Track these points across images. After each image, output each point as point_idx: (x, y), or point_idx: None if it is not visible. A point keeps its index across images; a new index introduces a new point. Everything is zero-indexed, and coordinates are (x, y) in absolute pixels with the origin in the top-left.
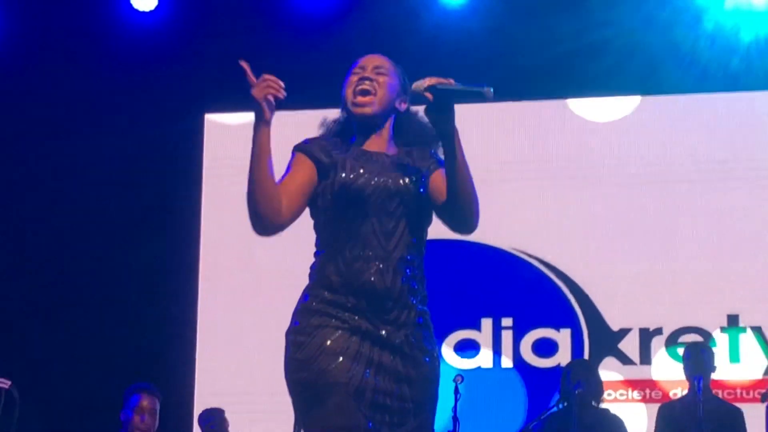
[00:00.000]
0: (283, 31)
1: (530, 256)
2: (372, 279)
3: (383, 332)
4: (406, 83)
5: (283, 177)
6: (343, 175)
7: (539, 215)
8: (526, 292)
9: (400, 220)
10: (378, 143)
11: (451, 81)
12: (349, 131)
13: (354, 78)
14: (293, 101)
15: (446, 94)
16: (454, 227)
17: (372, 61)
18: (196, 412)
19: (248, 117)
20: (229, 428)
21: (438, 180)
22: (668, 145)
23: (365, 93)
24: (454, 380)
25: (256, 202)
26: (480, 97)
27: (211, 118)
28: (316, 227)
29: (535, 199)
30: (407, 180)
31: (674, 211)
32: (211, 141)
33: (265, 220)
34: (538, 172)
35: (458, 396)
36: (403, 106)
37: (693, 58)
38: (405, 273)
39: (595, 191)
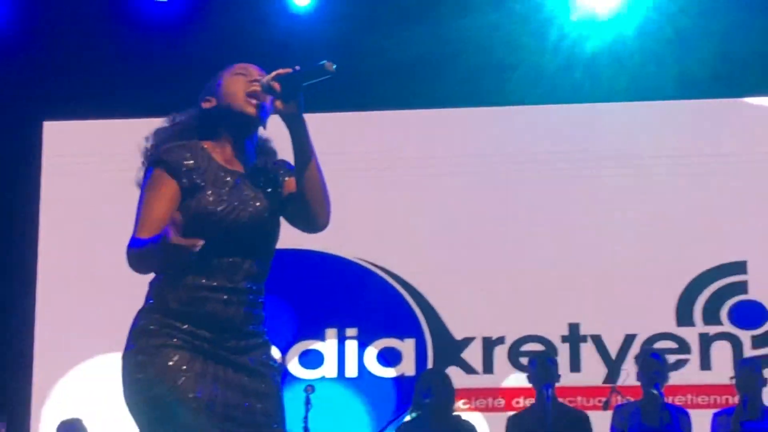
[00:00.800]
0: (128, 38)
1: (374, 265)
2: (215, 311)
3: (224, 353)
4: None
5: (152, 205)
6: (199, 202)
7: (383, 225)
8: (371, 302)
9: (249, 250)
10: (241, 152)
11: (295, 68)
12: (202, 133)
13: (241, 79)
14: (142, 109)
15: (291, 77)
16: (304, 226)
17: (255, 70)
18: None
19: (85, 123)
20: None
21: (290, 187)
22: (512, 153)
23: (256, 96)
24: (305, 390)
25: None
26: (323, 73)
27: (50, 125)
28: None
29: (379, 209)
30: (260, 205)
31: (516, 221)
32: (50, 147)
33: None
34: (383, 180)
35: (309, 406)
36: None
37: (538, 70)
38: (248, 302)
39: (438, 200)
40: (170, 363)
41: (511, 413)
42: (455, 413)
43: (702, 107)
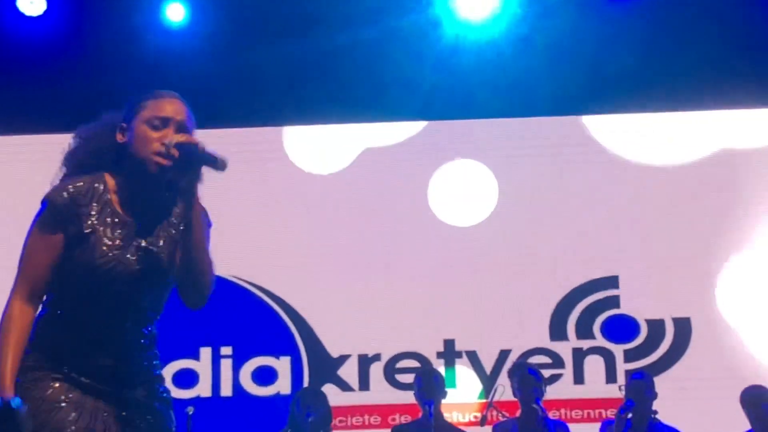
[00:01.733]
0: (2, 55)
1: (248, 282)
2: (98, 363)
3: (108, 389)
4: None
5: (34, 257)
6: (82, 252)
7: (256, 242)
8: (246, 319)
9: (141, 299)
10: (142, 196)
11: (199, 143)
12: (113, 160)
13: (153, 134)
14: (19, 126)
15: (189, 151)
16: (184, 300)
17: (177, 116)
18: None
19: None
20: None
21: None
22: (382, 169)
23: (161, 156)
24: (186, 411)
25: None
26: (215, 166)
27: None
28: (52, 285)
29: (252, 225)
30: (143, 255)
31: (390, 238)
32: None
33: None
34: (255, 196)
35: (192, 427)
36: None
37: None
38: (137, 345)
39: (313, 216)
40: (45, 395)
41: (386, 431)
42: None
43: (572, 122)
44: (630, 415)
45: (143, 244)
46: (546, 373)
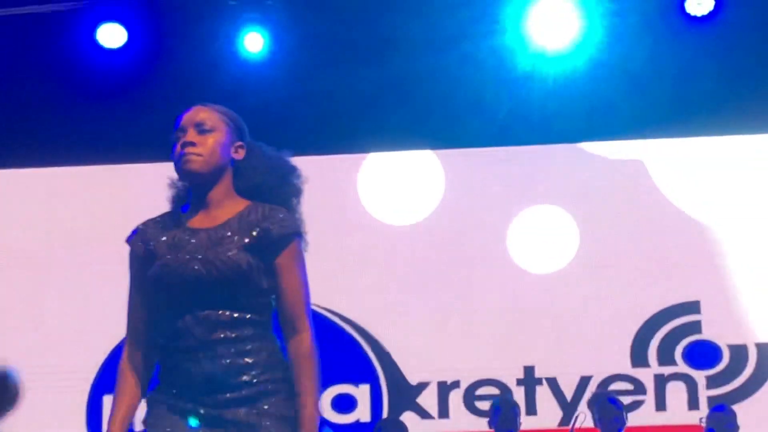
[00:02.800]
0: (83, 87)
1: (327, 310)
2: (190, 369)
3: (206, 410)
4: (240, 127)
5: (133, 304)
6: (153, 267)
7: (334, 269)
8: (325, 347)
9: (216, 301)
10: (211, 208)
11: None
12: (185, 194)
13: (177, 145)
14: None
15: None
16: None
17: (192, 119)
18: None
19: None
20: None
21: (280, 267)
22: (465, 196)
23: (189, 162)
24: None
25: None
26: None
27: None
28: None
29: (330, 252)
30: (224, 256)
31: (469, 264)
32: None
33: None
34: (334, 224)
35: None
36: (241, 153)
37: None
38: (228, 354)
39: (391, 243)
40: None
41: None
42: None
43: (655, 146)
44: None
45: (205, 246)
46: (627, 399)
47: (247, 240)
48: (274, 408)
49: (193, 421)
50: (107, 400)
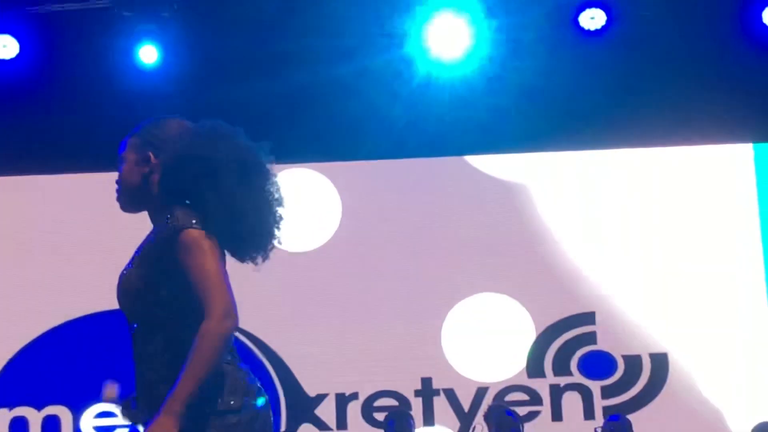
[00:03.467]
0: None
1: None
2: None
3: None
4: (149, 135)
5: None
6: None
7: (232, 282)
8: None
9: (133, 322)
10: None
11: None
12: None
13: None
14: None
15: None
16: None
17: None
18: None
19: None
20: None
21: (179, 266)
22: (362, 206)
23: (117, 200)
24: None
25: None
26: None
27: None
28: None
29: (230, 265)
30: (122, 276)
31: (366, 274)
32: None
33: None
34: None
35: None
36: (154, 161)
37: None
38: (147, 372)
39: (284, 255)
40: None
41: None
42: None
43: (543, 158)
44: None
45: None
46: (523, 410)
47: (138, 255)
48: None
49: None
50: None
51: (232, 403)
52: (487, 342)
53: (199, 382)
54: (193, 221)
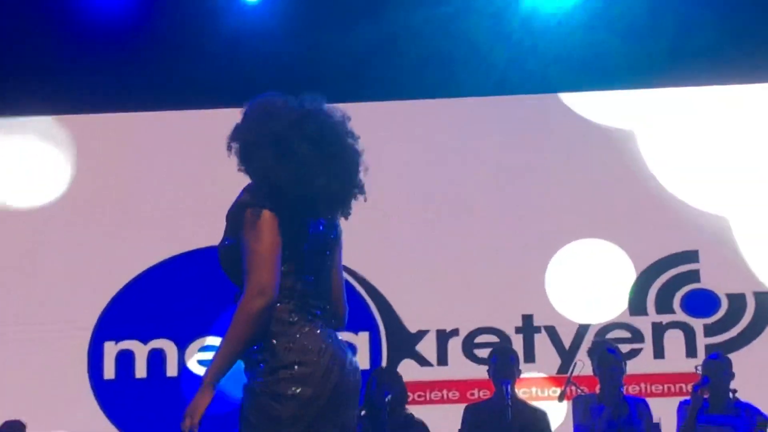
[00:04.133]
0: (78, 36)
1: None
2: None
3: None
4: (235, 129)
5: None
6: None
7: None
8: None
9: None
10: None
11: None
12: None
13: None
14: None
15: None
16: None
17: None
18: None
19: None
20: None
21: None
22: (464, 145)
23: None
24: None
25: None
26: None
27: None
28: None
29: None
30: (221, 246)
31: (469, 214)
32: None
33: None
34: None
35: None
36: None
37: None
38: None
39: (390, 193)
40: None
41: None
42: (407, 412)
43: (650, 95)
44: (706, 394)
45: None
46: (625, 348)
47: (226, 225)
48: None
49: None
50: (108, 347)
51: (285, 360)
52: (589, 285)
53: (230, 356)
54: (257, 198)
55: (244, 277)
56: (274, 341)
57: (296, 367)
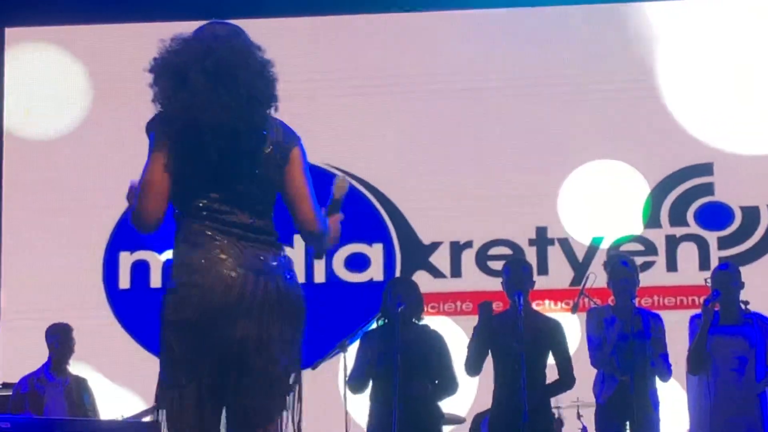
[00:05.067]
0: None
1: (341, 171)
2: None
3: None
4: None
5: None
6: None
7: (350, 130)
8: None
9: None
10: None
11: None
12: None
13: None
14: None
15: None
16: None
17: None
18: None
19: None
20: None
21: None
22: (479, 59)
23: None
24: None
25: None
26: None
27: (13, 32)
28: None
29: (346, 114)
30: None
31: (484, 125)
32: (13, 57)
33: None
34: (349, 86)
35: None
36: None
37: None
38: None
39: (406, 105)
40: None
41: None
42: (422, 322)
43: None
44: (717, 306)
45: None
46: (639, 260)
47: None
48: None
49: None
50: (123, 257)
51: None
52: (603, 198)
53: None
54: (151, 124)
55: None
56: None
57: (175, 284)
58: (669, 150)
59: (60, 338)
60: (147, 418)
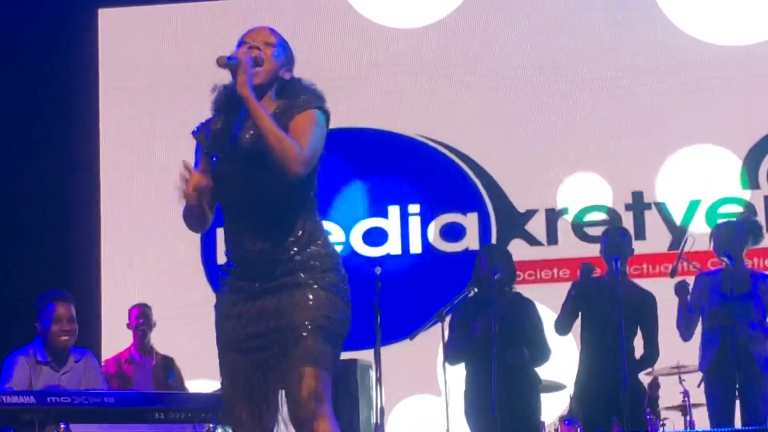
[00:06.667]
0: None
1: (435, 141)
2: (246, 246)
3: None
4: (291, 55)
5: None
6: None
7: (443, 101)
8: (432, 177)
9: (262, 186)
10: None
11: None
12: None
13: (243, 48)
14: None
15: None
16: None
17: (260, 36)
18: (104, 320)
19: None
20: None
21: (292, 125)
22: (569, 29)
23: (255, 64)
24: (374, 271)
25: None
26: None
27: (107, 13)
28: None
29: (439, 86)
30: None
31: (573, 93)
32: (107, 38)
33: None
34: (441, 59)
35: (379, 285)
36: (287, 75)
37: None
38: (277, 233)
39: (498, 77)
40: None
41: None
42: (516, 291)
43: None
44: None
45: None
46: None
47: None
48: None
49: None
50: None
51: None
52: (700, 162)
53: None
54: None
55: None
56: None
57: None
58: (764, 110)
59: (141, 317)
60: None
